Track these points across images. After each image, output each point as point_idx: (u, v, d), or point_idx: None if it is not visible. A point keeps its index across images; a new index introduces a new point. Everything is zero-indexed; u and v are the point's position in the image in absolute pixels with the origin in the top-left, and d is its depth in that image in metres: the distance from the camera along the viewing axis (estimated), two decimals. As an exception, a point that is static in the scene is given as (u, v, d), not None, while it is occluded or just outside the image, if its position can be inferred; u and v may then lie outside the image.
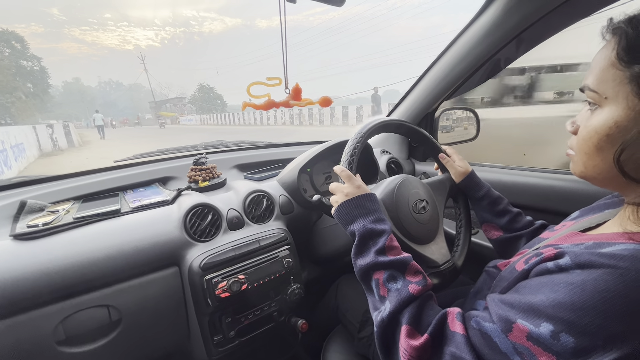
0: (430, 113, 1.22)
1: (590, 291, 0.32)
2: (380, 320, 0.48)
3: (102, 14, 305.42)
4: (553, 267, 0.37)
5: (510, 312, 0.38)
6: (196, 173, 0.98)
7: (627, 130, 0.36)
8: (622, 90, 0.37)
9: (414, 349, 0.43)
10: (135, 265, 0.71)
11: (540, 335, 0.34)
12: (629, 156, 0.36)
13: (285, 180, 1.00)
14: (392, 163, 1.21)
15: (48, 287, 0.62)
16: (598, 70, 0.40)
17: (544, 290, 0.36)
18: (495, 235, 0.75)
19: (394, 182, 0.68)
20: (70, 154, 11.31)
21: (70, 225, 0.72)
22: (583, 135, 0.42)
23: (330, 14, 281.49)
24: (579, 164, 0.44)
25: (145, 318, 0.72)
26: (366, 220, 0.56)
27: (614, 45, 0.38)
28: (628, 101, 0.36)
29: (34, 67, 27.22)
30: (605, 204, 0.53)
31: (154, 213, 0.81)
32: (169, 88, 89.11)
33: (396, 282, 0.50)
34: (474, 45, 0.93)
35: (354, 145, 0.67)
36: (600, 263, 0.33)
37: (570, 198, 0.83)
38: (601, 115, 0.39)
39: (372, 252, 0.53)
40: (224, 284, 0.74)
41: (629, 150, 0.36)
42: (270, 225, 0.90)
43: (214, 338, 0.77)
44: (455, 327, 0.43)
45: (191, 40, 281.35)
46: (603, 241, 0.38)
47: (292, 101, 0.69)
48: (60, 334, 0.63)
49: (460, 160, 0.80)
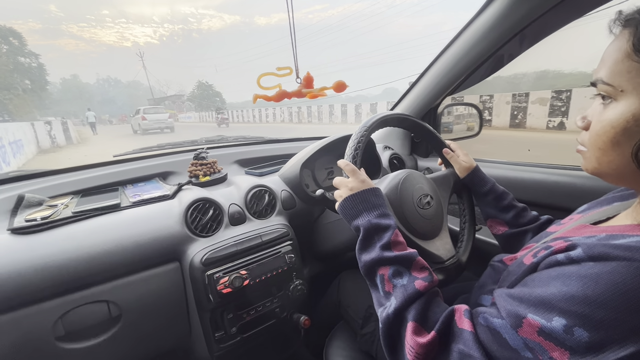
0: (433, 108, 1.21)
1: (605, 284, 0.31)
2: (385, 316, 0.47)
3: (100, 10, 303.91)
4: (564, 259, 0.36)
5: (519, 307, 0.37)
6: (197, 168, 0.97)
7: None
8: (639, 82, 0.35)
9: (421, 346, 0.42)
10: (135, 260, 0.70)
11: (552, 329, 0.33)
12: None
13: (287, 175, 0.99)
14: (395, 159, 1.20)
15: (46, 282, 0.61)
16: (612, 63, 0.38)
17: (555, 283, 0.35)
18: (500, 231, 0.74)
19: (398, 177, 0.68)
20: (68, 150, 11.28)
21: (69, 220, 0.71)
22: (597, 130, 0.40)
23: (329, 11, 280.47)
24: (591, 160, 0.43)
25: (145, 314, 0.71)
26: (371, 215, 0.55)
27: (629, 37, 0.37)
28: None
29: (31, 64, 27.03)
30: (614, 197, 0.52)
31: (154, 208, 0.80)
32: (168, 85, 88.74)
33: (402, 277, 0.49)
34: (478, 40, 0.92)
35: (358, 139, 0.66)
36: (615, 255, 0.33)
37: (576, 194, 0.82)
38: (617, 108, 0.38)
39: (377, 247, 0.52)
40: (225, 280, 0.74)
41: None
42: (272, 220, 0.89)
43: (215, 334, 0.76)
44: (463, 324, 0.42)
45: (190, 37, 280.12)
46: (617, 233, 0.37)
47: (304, 90, 0.67)
48: (60, 329, 0.62)
49: (465, 156, 0.79)
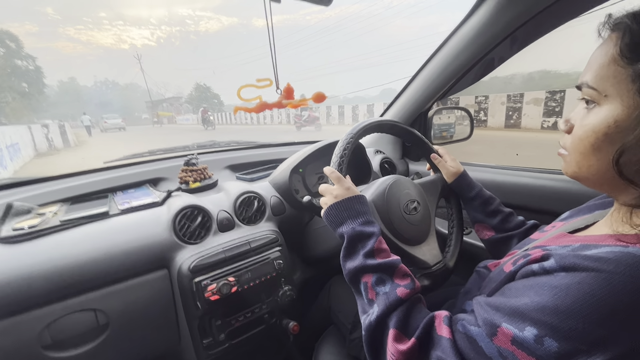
0: (423, 113, 1.21)
1: (574, 295, 0.32)
2: (368, 324, 0.48)
3: (97, 12, 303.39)
4: (538, 270, 0.37)
5: (495, 316, 0.38)
6: (187, 174, 0.97)
7: (628, 130, 0.35)
8: (624, 88, 0.35)
9: (401, 353, 0.43)
10: (123, 268, 0.70)
11: (524, 339, 0.33)
12: (629, 158, 0.35)
13: (277, 181, 0.99)
14: (386, 163, 1.21)
15: (33, 291, 0.61)
16: (598, 67, 0.38)
17: (528, 293, 0.36)
18: (487, 236, 0.75)
19: (385, 183, 0.68)
20: (66, 153, 11.24)
21: (56, 228, 0.71)
22: (579, 135, 0.40)
23: (326, 12, 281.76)
24: (572, 164, 0.43)
25: (133, 322, 0.71)
26: (355, 222, 0.55)
27: (616, 41, 0.36)
28: (630, 100, 0.34)
29: (28, 67, 26.97)
30: (595, 205, 0.53)
31: (143, 215, 0.80)
32: (166, 87, 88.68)
33: (384, 285, 0.49)
34: (467, 44, 0.93)
35: (343, 146, 0.66)
36: (585, 266, 0.33)
37: (562, 198, 0.82)
38: (600, 113, 0.37)
39: (360, 255, 0.52)
40: (213, 287, 0.74)
41: (629, 152, 0.34)
42: (261, 226, 0.90)
43: (203, 341, 0.77)
44: (441, 331, 0.43)
45: (187, 39, 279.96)
46: (590, 243, 0.37)
47: (284, 101, 0.68)
48: (47, 338, 0.62)
49: (452, 161, 0.80)
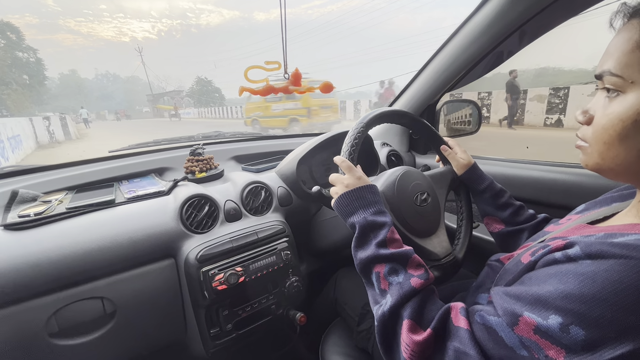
0: (431, 105, 1.20)
1: (602, 282, 0.31)
2: (381, 314, 0.47)
3: (97, 5, 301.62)
4: (561, 257, 0.36)
5: (516, 305, 0.36)
6: (193, 164, 0.96)
7: None
8: None
9: (417, 344, 0.42)
10: (130, 256, 0.69)
11: (548, 328, 0.32)
12: None
13: (283, 171, 0.98)
14: (393, 155, 1.19)
15: (39, 279, 0.60)
16: (620, 54, 0.37)
17: (551, 281, 0.35)
18: (497, 229, 0.74)
19: (395, 174, 0.67)
20: (67, 145, 11.25)
21: (62, 216, 0.70)
22: (603, 124, 0.39)
23: (328, 7, 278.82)
24: (594, 155, 0.41)
25: (140, 310, 0.71)
26: (367, 212, 0.55)
27: (639, 27, 0.36)
28: None
29: (29, 59, 26.88)
30: (612, 197, 0.52)
31: (150, 204, 0.79)
32: (167, 81, 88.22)
33: (397, 275, 0.49)
34: (477, 36, 0.91)
35: (354, 135, 0.65)
36: (613, 253, 0.32)
37: (574, 192, 0.81)
38: (626, 101, 0.37)
39: (372, 244, 0.51)
40: (220, 276, 0.73)
41: None
42: (268, 217, 0.89)
43: (210, 331, 0.76)
44: (459, 322, 0.42)
45: (188, 32, 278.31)
46: (615, 232, 0.36)
47: (291, 87, 0.66)
48: (53, 326, 0.62)
49: (463, 153, 0.78)
